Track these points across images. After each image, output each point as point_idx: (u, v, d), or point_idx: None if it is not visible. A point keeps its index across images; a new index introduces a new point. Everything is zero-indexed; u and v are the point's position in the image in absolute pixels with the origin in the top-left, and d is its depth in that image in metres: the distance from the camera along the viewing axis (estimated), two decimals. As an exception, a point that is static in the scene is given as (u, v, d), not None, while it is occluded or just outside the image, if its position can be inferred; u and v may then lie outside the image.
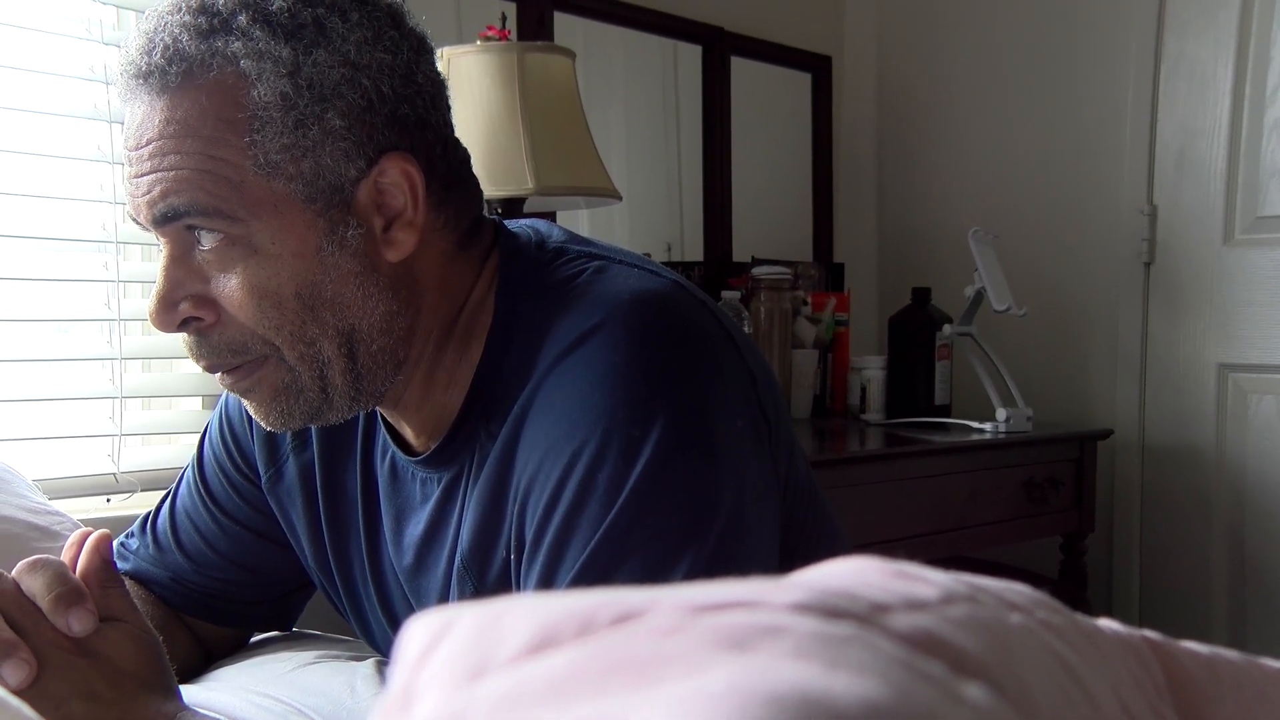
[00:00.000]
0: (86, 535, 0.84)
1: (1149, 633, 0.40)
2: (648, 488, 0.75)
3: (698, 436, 0.77)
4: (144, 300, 1.68)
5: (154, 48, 0.78)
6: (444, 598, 0.89)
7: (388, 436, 0.93)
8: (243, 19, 0.77)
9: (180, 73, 0.78)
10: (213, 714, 0.91)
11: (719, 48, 2.52)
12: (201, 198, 0.77)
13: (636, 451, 0.75)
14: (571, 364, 0.79)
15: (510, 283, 0.87)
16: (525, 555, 0.80)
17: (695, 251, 2.51)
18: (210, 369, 0.83)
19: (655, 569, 0.74)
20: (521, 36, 2.09)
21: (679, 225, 2.50)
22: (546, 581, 0.78)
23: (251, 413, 0.86)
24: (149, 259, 1.72)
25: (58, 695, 0.77)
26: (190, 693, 0.97)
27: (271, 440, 1.00)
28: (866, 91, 2.87)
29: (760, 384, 0.85)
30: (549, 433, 0.78)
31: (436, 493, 0.89)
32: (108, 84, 1.61)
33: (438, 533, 0.89)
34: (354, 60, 0.79)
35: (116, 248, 1.62)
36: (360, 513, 0.96)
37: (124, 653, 0.80)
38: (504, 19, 1.97)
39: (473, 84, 1.71)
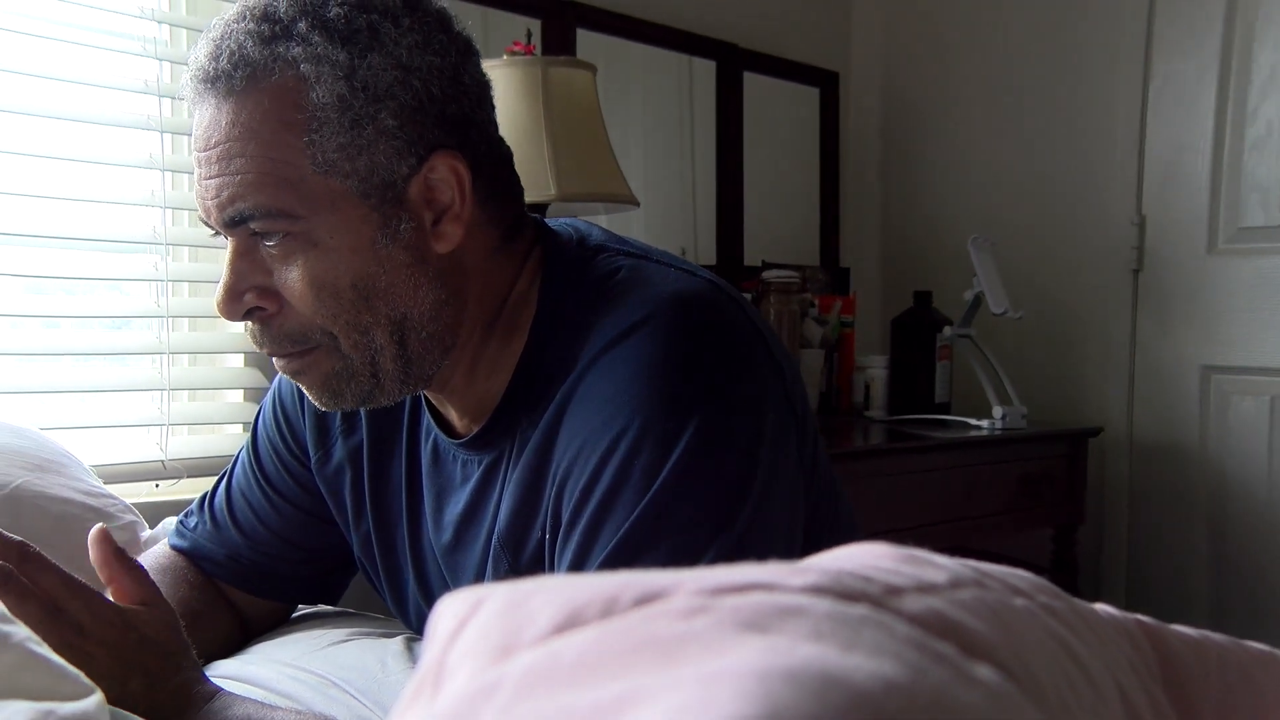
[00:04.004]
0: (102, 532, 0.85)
1: (1142, 617, 0.39)
2: (681, 477, 0.75)
3: (730, 430, 0.77)
4: (191, 298, 1.69)
5: (220, 54, 0.78)
6: (480, 575, 0.89)
7: (431, 420, 0.93)
8: (303, 26, 0.78)
9: (245, 77, 0.78)
10: (246, 685, 0.91)
11: (732, 63, 2.52)
12: (265, 200, 0.78)
13: (672, 442, 0.75)
14: (614, 357, 0.79)
15: (554, 277, 0.87)
16: (561, 535, 0.80)
17: (708, 255, 2.50)
18: (271, 354, 0.84)
19: (684, 553, 0.74)
20: (546, 51, 2.09)
21: (693, 230, 2.49)
22: (580, 560, 0.78)
23: (306, 393, 0.87)
24: (196, 259, 1.72)
25: (119, 675, 0.78)
26: (228, 666, 0.97)
27: (322, 423, 0.99)
28: (871, 106, 2.86)
29: (788, 379, 0.84)
30: (590, 420, 0.78)
31: (477, 474, 0.89)
32: (160, 97, 1.62)
33: (477, 512, 0.89)
34: (405, 63, 0.79)
35: (166, 249, 1.63)
36: (404, 494, 0.96)
37: (162, 633, 0.82)
38: (529, 35, 1.96)
39: (499, 96, 1.69)
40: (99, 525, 0.85)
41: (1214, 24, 2.32)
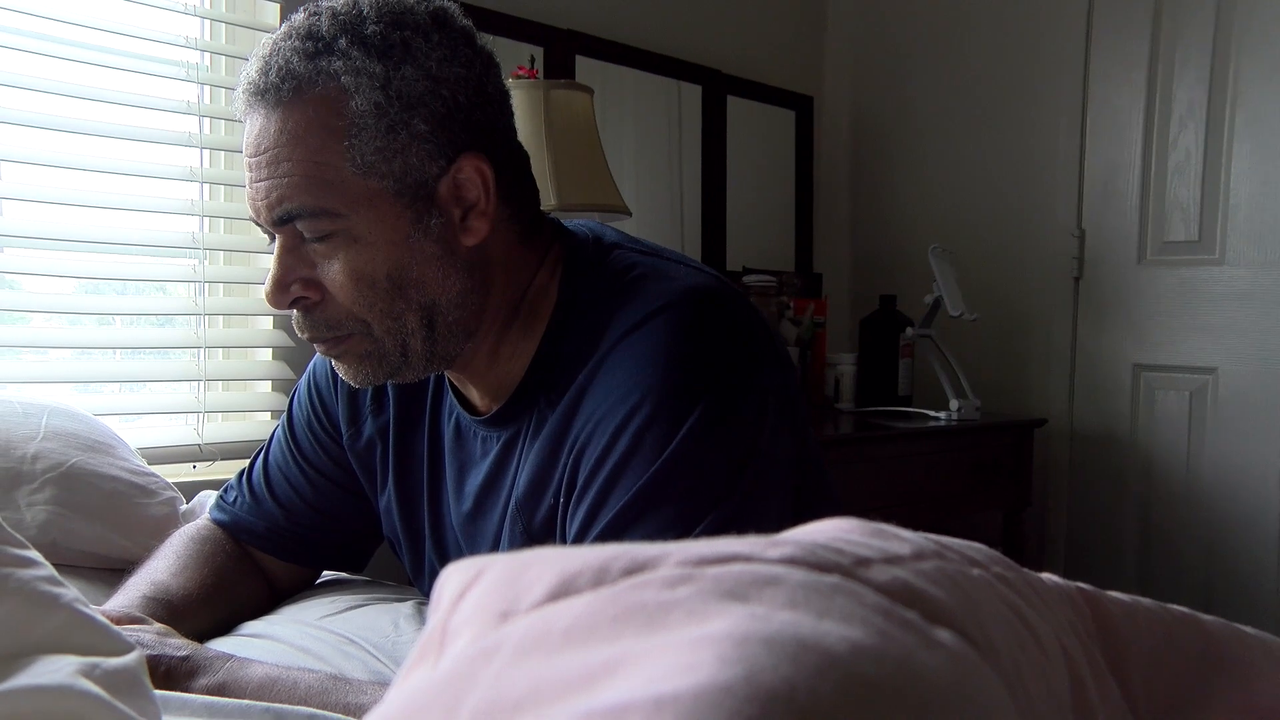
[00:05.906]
0: None
1: (1082, 585, 0.39)
2: (687, 452, 0.75)
3: (734, 413, 0.77)
4: (225, 298, 1.68)
5: (269, 69, 0.78)
6: (496, 541, 0.89)
7: (454, 399, 0.92)
8: (343, 42, 0.78)
9: (291, 89, 0.78)
10: (270, 642, 0.90)
11: (716, 88, 2.51)
12: (309, 200, 0.78)
13: (681, 420, 0.75)
14: (632, 342, 0.79)
15: (573, 271, 0.86)
16: (574, 497, 0.80)
17: (694, 262, 2.49)
18: (309, 339, 0.84)
19: (683, 520, 0.74)
20: (548, 75, 2.08)
21: (680, 238, 2.49)
22: (589, 520, 0.77)
23: (339, 372, 0.86)
24: (230, 263, 1.71)
25: (153, 642, 0.82)
26: (255, 626, 0.97)
27: (353, 403, 0.99)
28: (842, 127, 2.85)
29: (787, 369, 0.84)
30: (607, 398, 0.78)
31: (496, 449, 0.88)
32: (200, 116, 1.61)
33: (496, 483, 0.88)
34: (435, 74, 0.79)
35: (203, 253, 1.62)
36: (426, 468, 0.95)
37: (158, 628, 0.87)
38: (533, 60, 1.96)
39: (507, 117, 1.70)
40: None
41: (1141, 61, 2.35)
